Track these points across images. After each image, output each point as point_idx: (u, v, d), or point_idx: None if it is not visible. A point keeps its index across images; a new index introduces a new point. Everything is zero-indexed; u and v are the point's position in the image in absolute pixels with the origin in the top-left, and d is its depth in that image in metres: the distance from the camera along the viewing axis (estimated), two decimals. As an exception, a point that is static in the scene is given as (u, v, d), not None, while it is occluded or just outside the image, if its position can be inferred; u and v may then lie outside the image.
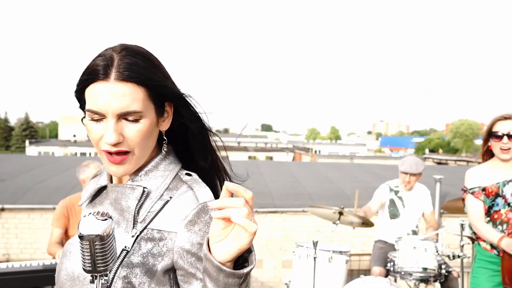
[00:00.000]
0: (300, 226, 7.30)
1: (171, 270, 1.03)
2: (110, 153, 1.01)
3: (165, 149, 1.11)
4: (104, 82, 0.98)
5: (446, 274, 3.74)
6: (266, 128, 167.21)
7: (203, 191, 1.06)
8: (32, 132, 72.80)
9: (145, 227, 1.00)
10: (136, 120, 1.01)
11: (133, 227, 1.03)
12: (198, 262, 1.00)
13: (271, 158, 41.19)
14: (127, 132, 1.01)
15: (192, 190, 1.05)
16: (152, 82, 1.02)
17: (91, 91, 0.99)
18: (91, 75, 0.99)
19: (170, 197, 1.05)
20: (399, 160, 4.70)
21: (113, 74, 0.98)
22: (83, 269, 0.91)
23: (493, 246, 2.86)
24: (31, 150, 44.88)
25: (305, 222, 7.28)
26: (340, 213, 3.79)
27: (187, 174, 1.11)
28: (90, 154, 42.33)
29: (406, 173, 4.26)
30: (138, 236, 1.00)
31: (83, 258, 0.90)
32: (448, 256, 3.72)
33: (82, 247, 0.89)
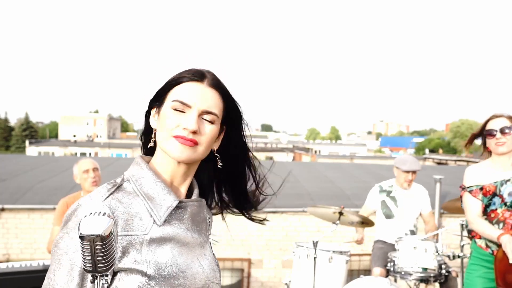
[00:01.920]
0: (300, 226, 7.30)
1: None
2: (183, 138, 1.14)
3: (219, 164, 1.26)
4: (199, 83, 1.18)
5: (446, 274, 3.74)
6: (266, 128, 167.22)
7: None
8: (32, 132, 72.80)
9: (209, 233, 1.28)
10: (211, 122, 1.17)
11: (210, 234, 1.27)
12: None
13: (271, 158, 41.18)
14: (202, 128, 1.16)
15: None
16: (229, 99, 1.23)
17: (183, 87, 1.17)
18: (185, 76, 1.18)
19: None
20: (399, 160, 4.66)
21: (207, 80, 1.19)
22: (84, 269, 0.91)
23: (487, 245, 2.88)
24: (31, 150, 44.91)
25: (305, 222, 7.28)
26: (340, 213, 3.79)
27: None
28: (90, 154, 42.33)
29: (409, 172, 4.25)
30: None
31: (84, 258, 0.90)
32: (448, 256, 3.72)
33: (82, 247, 0.89)
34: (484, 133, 2.93)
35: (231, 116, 1.25)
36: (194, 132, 1.13)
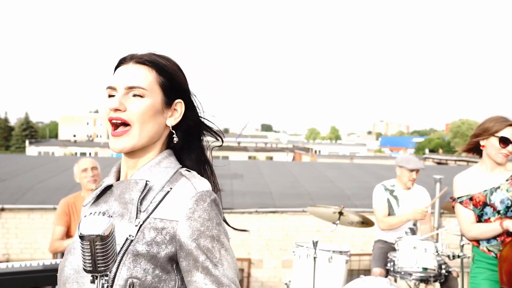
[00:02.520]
0: (300, 226, 7.30)
1: (175, 259, 1.09)
2: (114, 124, 1.13)
3: (175, 140, 1.21)
4: (124, 64, 1.18)
5: (446, 274, 3.74)
6: (266, 128, 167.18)
7: (201, 181, 1.14)
8: (32, 132, 72.80)
9: (148, 216, 1.08)
10: (139, 96, 1.14)
11: (137, 217, 1.09)
12: (198, 249, 1.06)
13: (271, 158, 41.22)
14: (129, 104, 1.13)
15: (190, 181, 1.13)
16: (163, 70, 1.17)
17: (115, 73, 1.18)
18: (119, 62, 1.19)
19: (171, 188, 1.13)
20: (399, 160, 4.65)
21: (133, 59, 1.17)
22: (84, 269, 0.91)
23: (489, 249, 2.86)
24: (31, 150, 44.91)
25: (305, 222, 7.28)
26: (340, 213, 3.79)
27: (186, 170, 1.19)
28: (90, 154, 42.33)
29: (414, 170, 4.23)
30: (141, 225, 1.07)
31: (84, 258, 0.90)
32: (448, 256, 3.72)
33: (82, 247, 0.89)
34: (496, 136, 2.78)
35: (172, 88, 1.19)
36: (117, 110, 1.12)
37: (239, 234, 7.14)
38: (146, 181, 1.13)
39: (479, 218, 2.86)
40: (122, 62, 1.19)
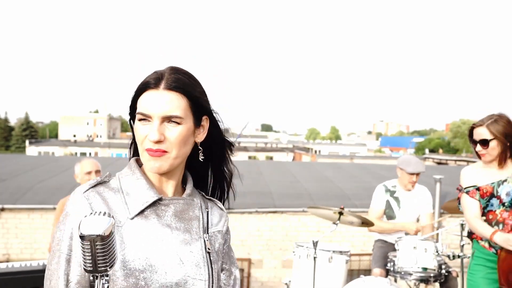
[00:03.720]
0: (300, 226, 7.30)
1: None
2: (152, 151, 1.17)
3: (201, 157, 1.30)
4: (154, 90, 1.18)
5: (446, 274, 3.74)
6: (266, 128, 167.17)
7: (219, 202, 1.40)
8: (32, 132, 72.80)
9: (208, 230, 1.30)
10: (177, 123, 1.18)
11: (204, 232, 1.27)
12: (230, 255, 1.38)
13: (271, 158, 41.23)
14: (168, 133, 1.18)
15: (214, 202, 1.38)
16: (193, 94, 1.22)
17: (143, 98, 1.19)
18: (144, 85, 1.20)
19: (206, 206, 1.33)
20: (399, 160, 4.64)
21: (163, 84, 1.18)
22: (84, 269, 0.91)
23: (491, 245, 2.87)
24: (31, 150, 44.92)
25: (305, 222, 7.28)
26: (340, 213, 3.79)
27: (199, 190, 1.37)
28: (90, 154, 42.34)
29: (414, 174, 4.22)
30: (210, 238, 1.28)
31: (84, 258, 0.90)
32: (448, 256, 3.72)
33: (83, 247, 0.89)
34: (470, 139, 2.94)
35: (201, 108, 1.25)
36: (159, 142, 1.16)
37: (239, 234, 7.15)
38: (200, 201, 1.32)
39: (484, 210, 2.89)
40: (149, 86, 1.19)
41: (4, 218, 6.84)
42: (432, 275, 3.65)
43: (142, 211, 1.19)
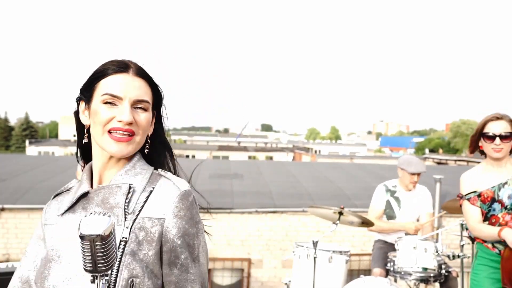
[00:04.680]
0: (300, 226, 7.30)
1: (160, 252, 1.16)
2: (119, 133, 1.16)
3: (146, 150, 1.26)
4: (124, 74, 1.19)
5: (446, 274, 3.74)
6: (266, 128, 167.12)
7: (181, 181, 1.23)
8: (32, 132, 72.75)
9: (136, 217, 1.12)
10: (144, 110, 1.20)
11: (125, 219, 1.14)
12: (182, 246, 1.15)
13: (271, 158, 41.22)
14: (137, 117, 1.19)
15: (171, 181, 1.21)
16: (156, 85, 1.26)
17: (110, 80, 1.18)
18: (110, 68, 1.19)
19: (153, 188, 1.19)
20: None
21: (132, 70, 1.21)
22: (84, 269, 0.91)
23: (494, 245, 2.86)
24: (31, 150, 44.89)
25: (305, 222, 7.28)
26: (340, 213, 3.79)
27: (162, 171, 1.27)
28: (90, 154, 42.25)
29: (414, 174, 4.21)
30: (131, 226, 1.09)
31: (84, 258, 0.90)
32: (448, 256, 3.72)
33: (83, 247, 0.89)
34: (482, 134, 2.83)
35: (157, 103, 1.28)
36: (130, 123, 1.17)
37: (239, 234, 7.15)
38: (129, 184, 1.19)
39: (486, 214, 2.87)
40: (119, 70, 1.19)
41: (4, 218, 6.84)
42: (432, 275, 3.65)
43: (71, 207, 1.22)
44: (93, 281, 0.93)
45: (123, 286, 1.07)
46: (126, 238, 1.07)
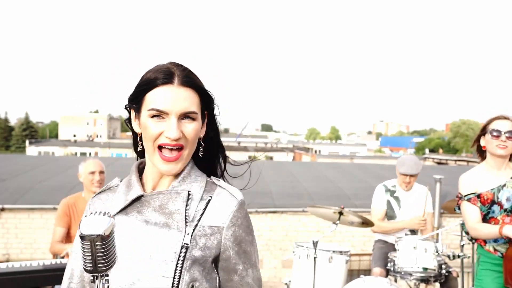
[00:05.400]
0: (300, 226, 7.30)
1: (217, 259, 1.21)
2: (168, 148, 1.17)
3: (201, 153, 1.27)
4: (169, 85, 1.17)
5: (446, 274, 3.74)
6: (266, 128, 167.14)
7: (236, 190, 1.27)
8: (32, 132, 72.80)
9: (197, 225, 1.18)
10: (192, 119, 1.19)
11: (186, 226, 1.17)
12: (239, 253, 1.21)
13: (271, 158, 41.23)
14: (185, 130, 1.18)
15: (226, 190, 1.25)
16: (204, 90, 1.23)
17: (155, 93, 1.17)
18: (156, 79, 1.17)
19: (211, 196, 1.23)
20: (399, 160, 4.63)
21: (176, 80, 1.17)
22: (84, 269, 0.91)
23: (495, 249, 2.85)
24: (31, 150, 44.94)
25: (305, 222, 7.28)
26: (340, 213, 3.79)
27: (216, 179, 1.29)
28: (90, 154, 42.33)
29: (406, 175, 4.22)
30: (193, 233, 1.16)
31: (84, 258, 0.90)
32: (448, 256, 3.72)
33: (83, 247, 0.89)
34: (488, 131, 2.84)
35: (207, 105, 1.26)
36: (177, 139, 1.16)
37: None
38: (188, 191, 1.21)
39: (485, 216, 2.85)
40: (165, 81, 1.17)
41: (4, 218, 6.84)
42: (432, 275, 3.65)
43: (124, 209, 1.21)
44: (93, 281, 0.93)
45: None
46: (188, 244, 1.14)
